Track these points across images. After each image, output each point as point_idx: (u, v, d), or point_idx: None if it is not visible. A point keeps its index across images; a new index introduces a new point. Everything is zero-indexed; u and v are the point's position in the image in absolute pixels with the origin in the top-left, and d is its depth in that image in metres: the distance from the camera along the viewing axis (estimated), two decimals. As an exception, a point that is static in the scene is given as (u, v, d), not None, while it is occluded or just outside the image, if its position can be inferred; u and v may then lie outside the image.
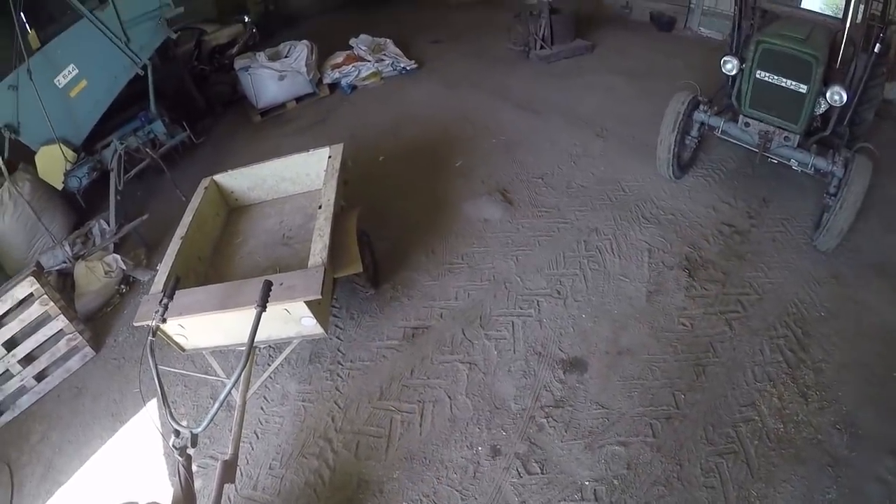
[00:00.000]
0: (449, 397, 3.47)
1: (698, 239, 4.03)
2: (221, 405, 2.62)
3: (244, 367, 2.67)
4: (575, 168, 4.96)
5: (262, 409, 3.76)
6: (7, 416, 4.56)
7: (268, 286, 2.82)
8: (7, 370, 4.52)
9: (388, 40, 8.07)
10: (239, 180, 4.48)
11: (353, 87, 7.73)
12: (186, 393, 4.07)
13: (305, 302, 3.07)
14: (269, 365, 3.77)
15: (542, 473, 3.03)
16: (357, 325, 4.11)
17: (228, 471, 2.89)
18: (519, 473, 3.05)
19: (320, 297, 3.04)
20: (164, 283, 3.49)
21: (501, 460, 3.12)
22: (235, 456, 3.00)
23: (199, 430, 2.59)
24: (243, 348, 3.45)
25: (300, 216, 4.27)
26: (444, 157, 5.64)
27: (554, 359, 3.51)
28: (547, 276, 4.03)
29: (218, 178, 4.46)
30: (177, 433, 2.60)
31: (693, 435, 3.02)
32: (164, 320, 2.94)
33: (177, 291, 3.07)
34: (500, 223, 4.58)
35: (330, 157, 4.12)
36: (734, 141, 4.15)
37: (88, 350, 4.80)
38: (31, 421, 4.50)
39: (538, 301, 3.87)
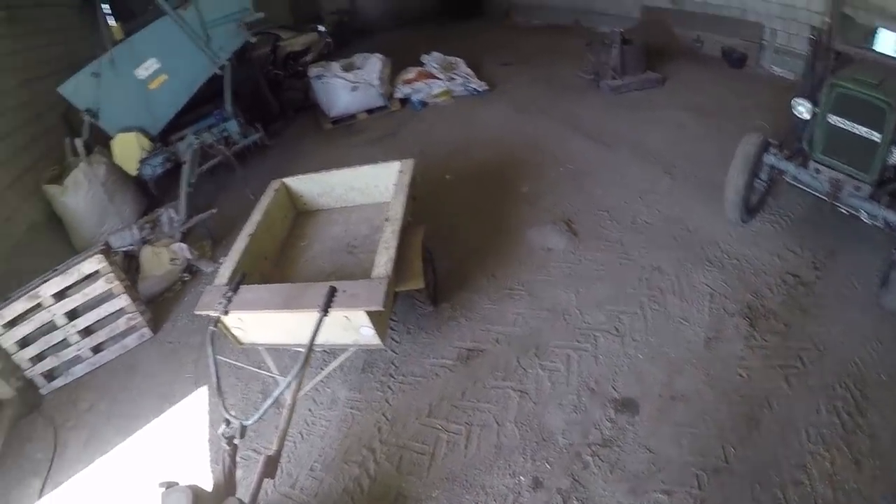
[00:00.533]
0: (497, 423, 3.44)
1: (762, 287, 3.91)
2: (274, 402, 2.67)
3: (302, 368, 2.71)
4: (641, 203, 4.90)
5: (309, 410, 3.80)
6: (59, 382, 4.73)
7: (332, 292, 2.87)
8: (66, 339, 4.69)
9: (459, 60, 8.16)
10: (309, 185, 4.58)
11: (424, 104, 7.83)
12: (237, 385, 4.14)
13: (367, 312, 3.09)
14: (323, 369, 3.82)
15: (582, 513, 2.95)
16: (413, 340, 4.12)
17: (270, 466, 2.92)
18: (559, 508, 2.97)
19: (382, 308, 3.06)
20: (230, 277, 3.57)
21: (543, 494, 3.05)
22: (279, 453, 3.02)
23: (250, 422, 2.64)
24: (299, 349, 3.54)
25: (366, 227, 4.32)
26: (510, 182, 5.64)
27: (606, 397, 3.44)
28: (607, 312, 3.97)
29: (288, 181, 4.56)
30: (227, 423, 2.66)
31: (739, 492, 2.90)
32: (226, 312, 3.03)
33: (241, 286, 3.14)
34: (563, 253, 4.55)
35: (400, 171, 4.17)
36: (804, 187, 4.01)
37: (146, 331, 4.94)
38: (82, 390, 4.64)
39: (596, 336, 3.81)
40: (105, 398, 4.51)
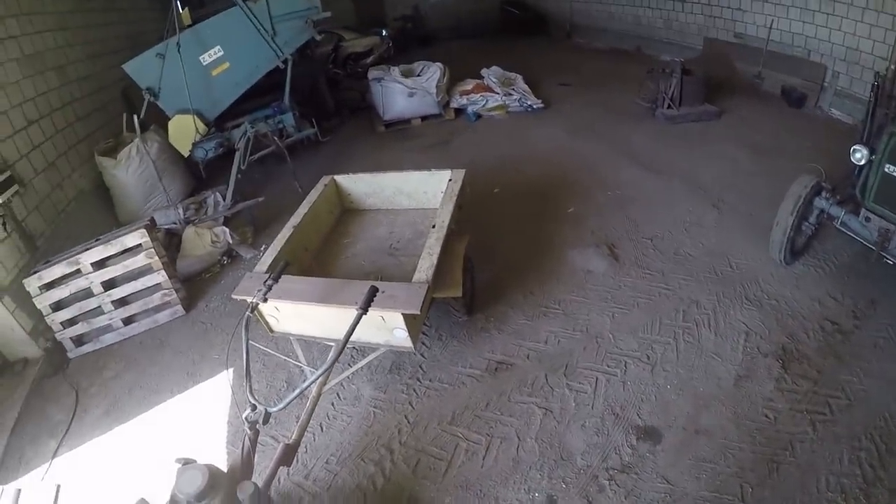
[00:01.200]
0: (518, 438, 3.41)
1: (798, 330, 3.81)
2: (301, 393, 2.68)
3: (333, 362, 2.72)
4: (686, 235, 4.84)
5: (332, 404, 3.82)
6: (88, 347, 4.85)
7: (373, 292, 2.88)
8: (100, 307, 4.81)
9: (518, 76, 8.18)
10: (358, 185, 4.64)
11: (479, 116, 7.88)
12: (263, 371, 4.19)
13: (403, 314, 3.11)
14: (351, 366, 3.85)
15: (593, 537, 2.91)
16: (443, 346, 4.13)
17: (288, 454, 2.95)
18: (570, 530, 2.94)
19: (419, 312, 3.08)
20: (272, 265, 3.62)
21: None
22: (298, 442, 3.05)
23: (275, 409, 2.65)
24: (330, 343, 3.58)
25: (410, 231, 4.36)
26: (557, 201, 5.64)
27: (630, 423, 3.39)
28: (640, 340, 3.92)
29: (339, 178, 4.63)
30: (253, 407, 2.67)
31: (753, 533, 2.83)
32: (265, 300, 3.05)
33: (283, 276, 3.18)
34: (603, 277, 4.52)
35: (451, 180, 4.20)
36: (852, 234, 3.93)
37: (179, 308, 5.03)
38: (109, 358, 4.74)
39: (626, 362, 3.77)
40: (131, 369, 4.60)
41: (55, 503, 3.60)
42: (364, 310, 2.79)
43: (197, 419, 4.00)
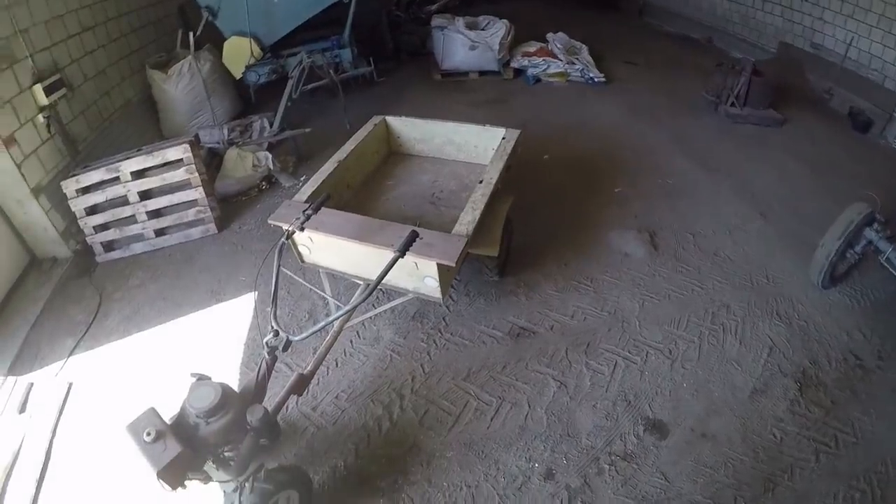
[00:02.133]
0: (528, 406, 3.42)
1: (821, 357, 3.71)
2: (324, 326, 2.70)
3: (362, 301, 2.69)
4: (728, 238, 4.72)
5: (350, 342, 3.85)
6: (117, 254, 4.93)
7: (413, 236, 2.82)
8: (134, 215, 4.86)
9: (584, 46, 7.98)
10: (409, 128, 4.57)
11: (538, 80, 7.71)
12: (287, 299, 4.23)
13: (438, 264, 3.08)
14: (375, 307, 3.86)
15: (581, 516, 2.93)
16: (470, 303, 4.12)
17: (301, 384, 2.98)
18: (561, 504, 2.96)
19: (454, 265, 3.04)
20: (312, 196, 3.60)
21: (551, 485, 3.03)
22: (312, 374, 3.08)
23: (297, 339, 2.64)
24: (358, 281, 3.57)
25: (455, 182, 4.30)
26: (605, 178, 5.54)
27: (640, 413, 3.37)
28: (665, 332, 3.87)
29: (391, 119, 4.56)
30: (275, 334, 2.67)
31: (737, 546, 2.83)
32: (302, 229, 3.03)
33: (322, 208, 3.16)
34: (639, 263, 4.45)
35: (504, 138, 4.11)
36: (894, 272, 3.83)
37: (212, 227, 5.07)
38: (136, 266, 4.81)
39: (648, 352, 3.73)
40: (156, 280, 4.66)
41: (65, 401, 3.68)
42: (401, 253, 2.74)
43: (215, 337, 4.05)
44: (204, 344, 4.01)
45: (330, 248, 3.48)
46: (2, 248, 4.51)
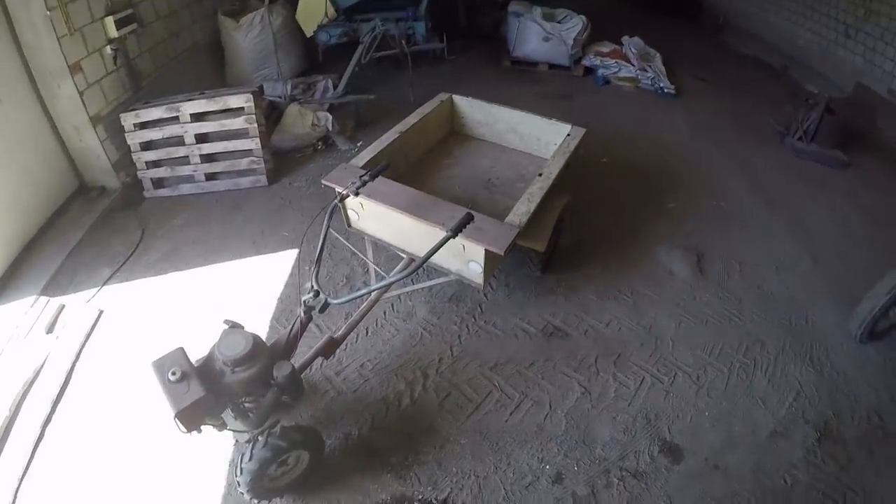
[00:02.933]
0: (550, 407, 3.41)
1: (845, 411, 3.60)
2: (365, 294, 2.71)
3: (407, 276, 2.68)
4: (774, 273, 4.60)
5: (384, 313, 3.89)
6: (165, 192, 5.04)
7: (468, 219, 2.81)
8: (188, 157, 4.95)
9: (658, 55, 7.81)
10: (474, 110, 4.54)
11: (607, 81, 7.59)
12: (327, 261, 4.28)
13: (486, 250, 3.07)
14: (414, 283, 3.88)
15: (582, 527, 2.92)
16: (507, 294, 4.11)
17: (330, 346, 3.01)
18: (565, 510, 2.96)
19: (502, 254, 3.03)
20: (370, 163, 3.61)
21: (558, 489, 3.02)
22: (343, 339, 3.11)
23: (336, 302, 2.65)
24: (402, 254, 3.57)
25: (512, 171, 4.27)
26: (660, 192, 5.46)
27: (658, 434, 3.34)
28: (696, 357, 3.81)
29: (457, 98, 4.55)
30: (315, 294, 2.67)
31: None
32: (356, 194, 3.04)
33: (380, 177, 3.17)
34: (683, 283, 4.38)
35: (569, 135, 4.07)
36: None
37: (263, 178, 5.14)
38: (182, 207, 4.90)
39: (676, 374, 3.68)
40: (200, 223, 4.74)
41: (94, 326, 3.77)
42: (454, 234, 2.74)
43: (250, 288, 4.10)
44: (238, 293, 4.06)
45: (379, 217, 3.50)
46: (52, 171, 4.66)
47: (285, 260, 4.35)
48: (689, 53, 8.92)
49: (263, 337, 3.66)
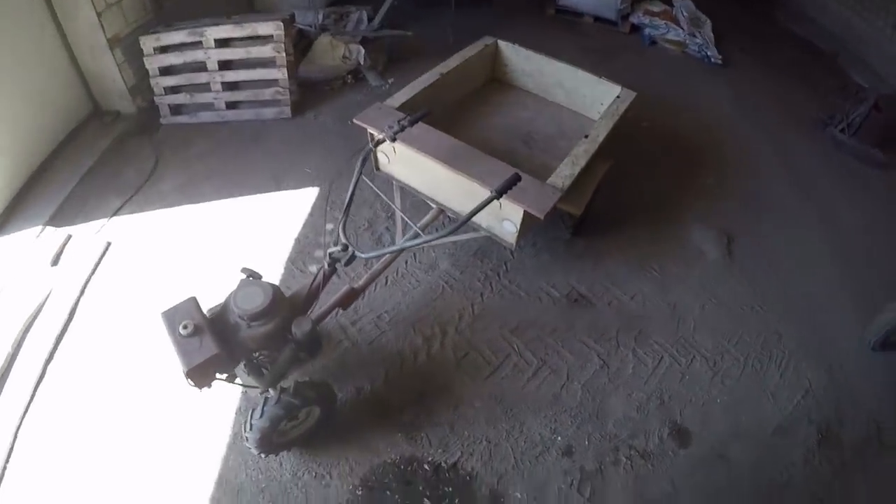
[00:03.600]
0: (567, 378, 3.33)
1: (847, 416, 3.53)
2: (397, 251, 2.70)
3: (446, 235, 2.51)
4: (801, 269, 4.43)
5: (405, 262, 3.77)
6: (183, 119, 4.87)
7: (515, 180, 2.60)
8: (209, 83, 4.74)
9: (708, 21, 7.48)
10: (519, 58, 4.28)
11: (654, 42, 7.27)
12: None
13: (525, 211, 2.89)
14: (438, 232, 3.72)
15: (587, 500, 2.89)
16: (534, 254, 3.98)
17: (349, 298, 2.86)
18: (571, 484, 2.92)
19: (542, 218, 2.85)
20: (407, 104, 3.43)
21: (566, 462, 2.99)
22: (363, 290, 2.96)
23: (364, 256, 2.48)
24: (432, 204, 3.41)
25: (553, 127, 4.06)
26: (699, 165, 5.26)
27: (669, 416, 3.28)
28: (715, 342, 3.71)
29: (502, 43, 4.29)
30: (344, 247, 2.50)
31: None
32: (393, 140, 2.85)
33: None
34: (712, 264, 4.24)
35: (619, 97, 3.83)
36: None
37: (287, 110, 4.95)
38: (200, 136, 4.73)
39: (694, 357, 3.59)
40: (218, 153, 4.57)
41: (100, 260, 3.65)
42: (499, 194, 2.54)
43: (267, 226, 3.97)
44: (254, 231, 3.93)
45: (413, 164, 3.31)
46: (66, 93, 4.48)
47: (306, 198, 4.20)
48: (737, 24, 8.53)
49: (277, 279, 3.60)
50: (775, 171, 5.47)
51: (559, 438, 3.07)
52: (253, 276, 2.49)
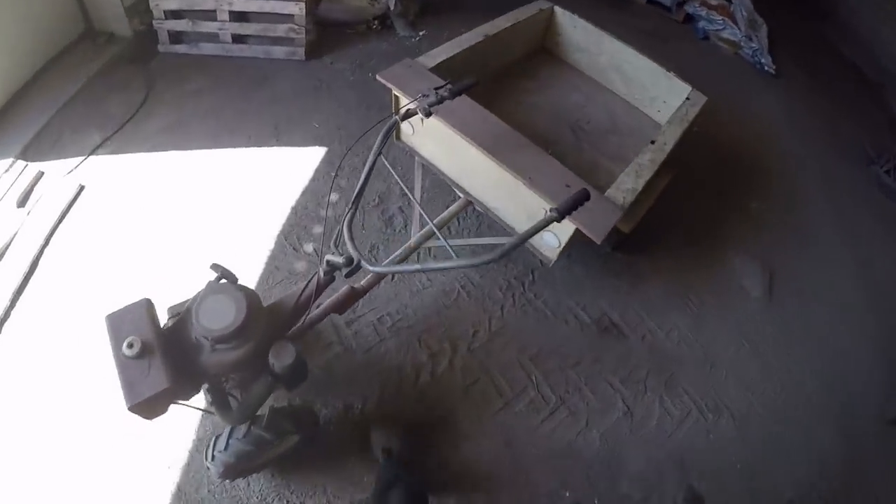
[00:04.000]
0: (586, 424, 2.93)
1: (855, 488, 3.24)
2: (420, 271, 2.51)
3: (490, 261, 1.81)
4: (838, 317, 4.05)
5: (417, 256, 3.27)
6: (182, 48, 4.46)
7: (583, 198, 1.93)
8: (215, 11, 4.30)
9: (765, 25, 6.98)
10: (577, 31, 3.68)
11: (706, 36, 6.83)
12: (354, 175, 3.66)
13: (578, 229, 2.36)
14: (464, 237, 3.38)
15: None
16: (567, 267, 3.52)
17: (349, 300, 2.30)
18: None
19: (598, 242, 2.33)
20: (443, 65, 2.88)
21: None
22: (366, 291, 2.37)
23: (374, 269, 1.89)
24: (458, 192, 2.88)
25: (606, 118, 3.52)
26: (744, 186, 4.83)
27: (686, 479, 2.92)
28: (744, 395, 3.33)
29: (559, 11, 3.69)
30: (349, 260, 1.91)
31: None
32: (428, 114, 2.22)
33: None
34: (752, 302, 3.83)
35: (688, 99, 3.29)
36: None
37: (300, 51, 4.51)
38: (199, 70, 4.30)
39: (721, 414, 3.20)
40: (216, 92, 4.12)
41: (71, 205, 3.32)
42: (560, 217, 1.87)
43: (261, 186, 3.58)
44: (245, 191, 3.51)
45: (444, 142, 2.76)
46: (55, 9, 4.05)
47: (310, 158, 3.72)
48: (786, 32, 8.05)
49: (264, 258, 3.18)
50: (819, 205, 5.04)
51: (568, 494, 2.71)
52: (224, 275, 1.90)
